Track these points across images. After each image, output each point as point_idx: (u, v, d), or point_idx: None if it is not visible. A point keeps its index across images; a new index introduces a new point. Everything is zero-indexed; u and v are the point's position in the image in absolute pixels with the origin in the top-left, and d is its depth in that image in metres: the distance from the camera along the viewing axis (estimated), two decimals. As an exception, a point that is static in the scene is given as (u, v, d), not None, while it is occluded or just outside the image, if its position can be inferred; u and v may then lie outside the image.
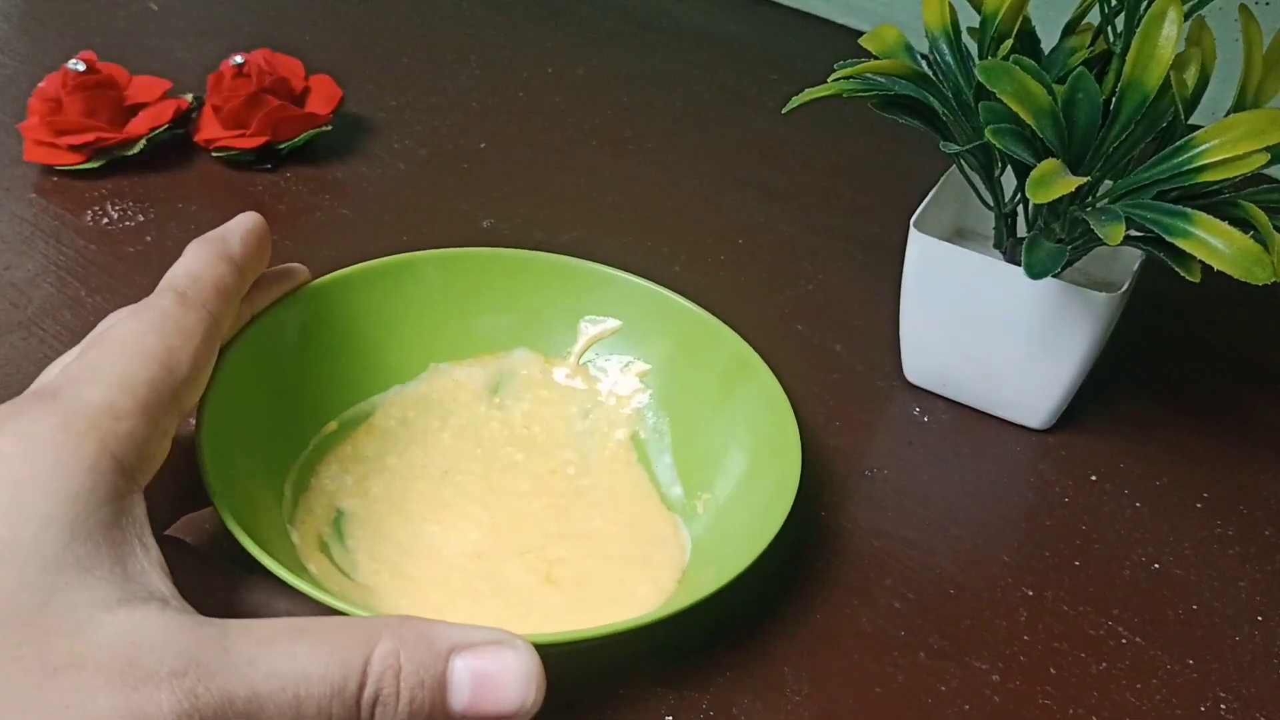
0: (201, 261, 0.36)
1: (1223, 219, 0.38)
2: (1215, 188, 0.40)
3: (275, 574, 0.33)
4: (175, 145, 0.59)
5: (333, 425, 0.43)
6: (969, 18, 0.45)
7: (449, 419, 0.44)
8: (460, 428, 0.44)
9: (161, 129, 0.58)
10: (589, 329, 0.46)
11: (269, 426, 0.40)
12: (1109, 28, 0.44)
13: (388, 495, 0.41)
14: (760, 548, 0.36)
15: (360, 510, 0.40)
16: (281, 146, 0.59)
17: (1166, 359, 0.53)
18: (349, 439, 0.43)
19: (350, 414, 0.43)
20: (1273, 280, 0.37)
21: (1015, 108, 0.39)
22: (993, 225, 0.47)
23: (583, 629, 0.34)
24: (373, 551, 0.39)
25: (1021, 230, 0.46)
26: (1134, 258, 0.46)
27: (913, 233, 0.46)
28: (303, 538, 0.38)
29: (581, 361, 0.46)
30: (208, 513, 0.37)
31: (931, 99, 0.44)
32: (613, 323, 0.46)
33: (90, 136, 0.56)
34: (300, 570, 0.36)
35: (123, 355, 0.32)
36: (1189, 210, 0.38)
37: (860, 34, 0.47)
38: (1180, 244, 0.38)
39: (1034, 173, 0.39)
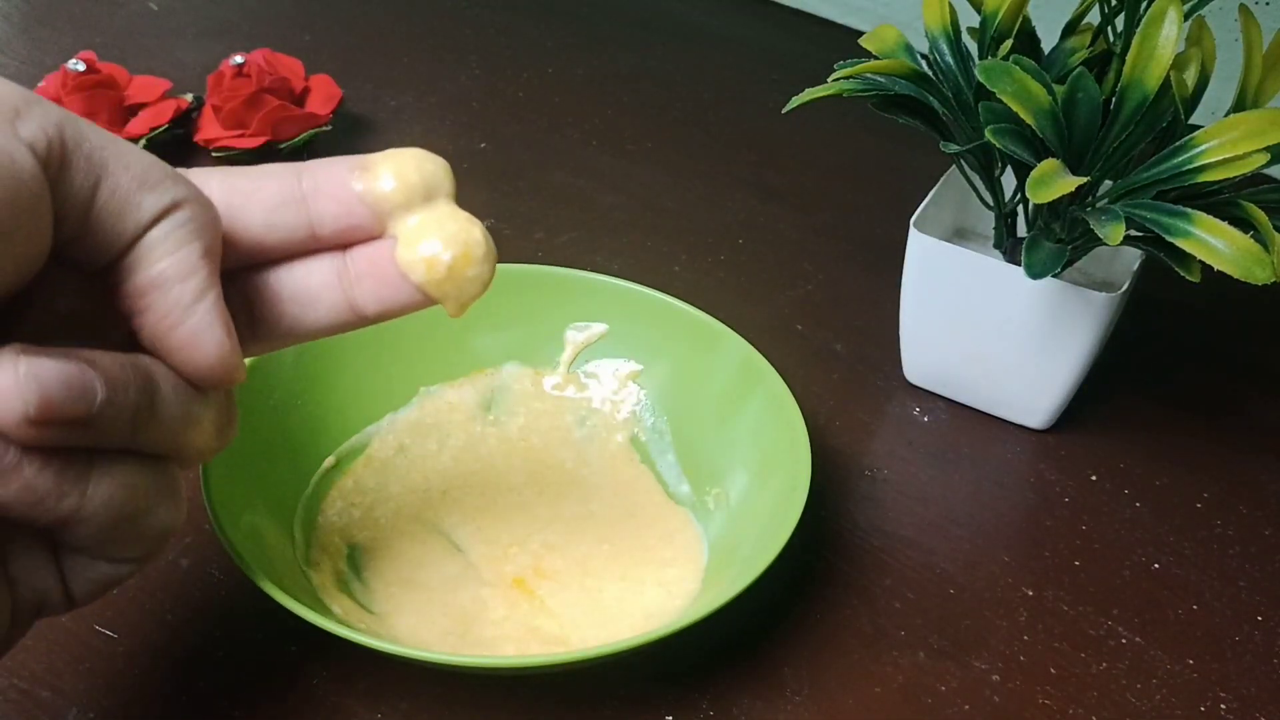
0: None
1: (1223, 219, 0.38)
2: (1215, 188, 0.40)
3: (310, 621, 0.33)
4: (175, 145, 0.59)
5: (330, 460, 0.42)
6: (969, 18, 0.45)
7: (446, 441, 0.44)
8: (458, 449, 0.44)
9: (161, 129, 0.58)
10: (575, 336, 0.46)
11: (270, 471, 0.40)
12: (1109, 28, 0.44)
13: (395, 523, 0.41)
14: (775, 551, 0.36)
15: (371, 542, 0.40)
16: (281, 146, 0.59)
17: (1166, 359, 0.53)
18: (348, 472, 0.43)
19: (347, 447, 0.43)
20: (1273, 280, 0.37)
21: (1015, 108, 0.39)
22: (993, 225, 0.47)
23: (610, 644, 0.34)
24: (387, 578, 0.39)
25: (1021, 230, 0.46)
26: (1134, 258, 0.46)
27: (913, 233, 0.46)
28: (322, 578, 0.38)
29: (571, 369, 0.46)
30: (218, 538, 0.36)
31: (931, 99, 0.44)
32: (599, 327, 0.46)
33: (90, 136, 0.56)
34: (325, 611, 0.35)
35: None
36: (1189, 210, 0.38)
37: (860, 34, 0.47)
38: (1180, 244, 0.38)
39: (1034, 173, 0.39)
